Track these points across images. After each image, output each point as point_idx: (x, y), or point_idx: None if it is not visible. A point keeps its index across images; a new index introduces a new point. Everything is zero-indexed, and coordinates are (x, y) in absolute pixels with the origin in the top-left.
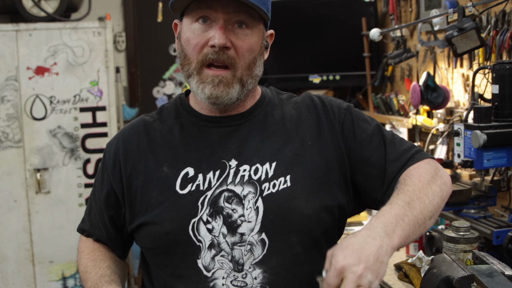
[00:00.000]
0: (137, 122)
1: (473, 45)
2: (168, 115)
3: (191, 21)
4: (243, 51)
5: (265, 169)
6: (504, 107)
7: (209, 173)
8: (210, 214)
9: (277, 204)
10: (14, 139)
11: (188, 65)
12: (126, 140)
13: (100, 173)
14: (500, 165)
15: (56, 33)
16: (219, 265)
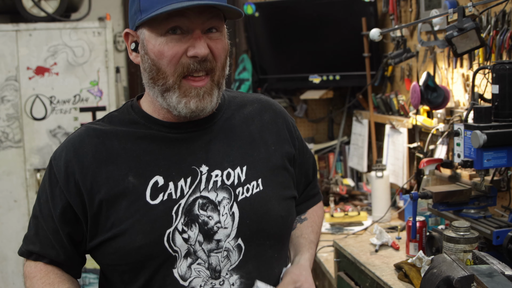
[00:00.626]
0: (85, 132)
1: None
2: (121, 123)
3: (159, 33)
4: (219, 53)
5: (237, 174)
6: (504, 107)
7: (180, 180)
8: (186, 223)
9: (252, 208)
10: (14, 139)
11: (163, 79)
12: (78, 152)
13: (48, 189)
14: (500, 165)
15: (56, 33)
16: (196, 273)
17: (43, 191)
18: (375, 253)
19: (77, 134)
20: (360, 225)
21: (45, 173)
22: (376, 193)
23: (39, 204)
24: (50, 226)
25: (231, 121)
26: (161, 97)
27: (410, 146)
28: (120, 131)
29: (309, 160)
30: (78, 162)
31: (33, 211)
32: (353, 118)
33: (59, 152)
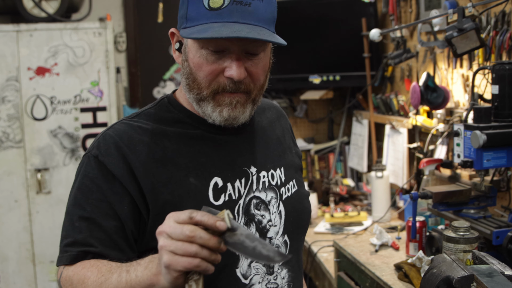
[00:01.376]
0: (129, 128)
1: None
2: (165, 121)
3: (201, 45)
4: (258, 76)
5: (278, 175)
6: (503, 107)
7: (236, 181)
8: (246, 223)
9: (294, 206)
10: (15, 139)
11: (198, 89)
12: (131, 149)
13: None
14: (500, 165)
15: (57, 34)
16: (255, 271)
17: (90, 191)
18: (375, 253)
19: (122, 130)
20: (360, 225)
21: (84, 169)
22: (376, 193)
23: (89, 204)
24: (110, 225)
25: (262, 124)
26: (197, 104)
27: (410, 146)
28: (169, 131)
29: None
30: (136, 159)
31: (78, 213)
32: (353, 118)
33: (105, 149)
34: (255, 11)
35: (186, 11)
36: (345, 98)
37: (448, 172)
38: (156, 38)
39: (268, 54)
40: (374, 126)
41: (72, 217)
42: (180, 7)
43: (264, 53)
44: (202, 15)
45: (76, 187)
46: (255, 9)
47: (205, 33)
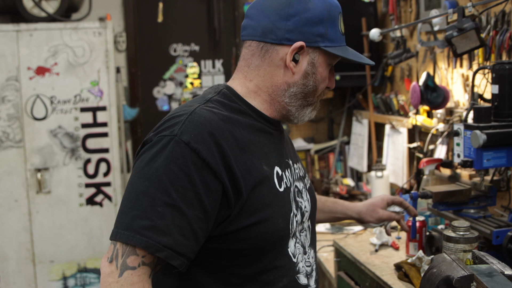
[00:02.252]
0: (215, 116)
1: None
2: (233, 111)
3: (328, 62)
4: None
5: (299, 167)
6: (503, 107)
7: (286, 171)
8: (296, 208)
9: (313, 195)
10: (14, 139)
11: (313, 97)
12: (222, 136)
13: (195, 174)
14: (500, 165)
15: (57, 33)
16: (298, 250)
17: (177, 177)
18: (375, 252)
19: (209, 117)
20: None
21: (174, 156)
22: (376, 193)
23: (175, 191)
24: (193, 215)
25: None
26: (299, 108)
27: (410, 146)
28: (241, 120)
29: None
30: (228, 147)
31: (162, 199)
32: (353, 118)
33: (196, 134)
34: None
35: (327, 31)
36: (345, 97)
37: (448, 172)
38: (156, 37)
39: None
40: (374, 125)
41: (155, 201)
42: (316, 25)
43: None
44: (339, 38)
45: (162, 171)
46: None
47: (350, 56)
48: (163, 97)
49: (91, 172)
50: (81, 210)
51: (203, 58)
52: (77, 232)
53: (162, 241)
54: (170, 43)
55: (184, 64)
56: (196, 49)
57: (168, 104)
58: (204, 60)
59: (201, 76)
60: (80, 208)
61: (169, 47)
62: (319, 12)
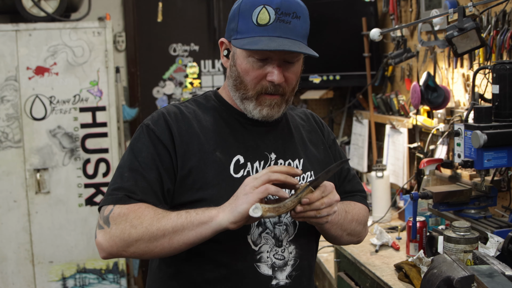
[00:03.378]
0: (177, 108)
1: (474, 45)
2: (206, 107)
3: (248, 54)
4: (292, 81)
5: (295, 164)
6: (504, 107)
7: (256, 162)
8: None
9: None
10: (14, 139)
11: (244, 90)
12: (175, 122)
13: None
14: (501, 165)
15: (56, 33)
16: (264, 241)
17: (141, 150)
18: (375, 253)
19: (170, 108)
20: None
21: (139, 135)
22: (376, 193)
23: (137, 159)
24: (152, 178)
25: (289, 124)
26: (240, 102)
27: (410, 146)
28: (207, 114)
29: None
30: (178, 129)
31: (128, 166)
32: (353, 118)
33: (155, 119)
34: (294, 28)
35: (237, 25)
36: (345, 97)
37: (449, 172)
38: (155, 37)
39: (301, 63)
40: (374, 126)
41: (122, 169)
42: (230, 21)
43: (298, 62)
44: (251, 30)
45: (129, 148)
46: (294, 27)
47: (256, 45)
48: (163, 97)
49: (90, 172)
50: (80, 210)
51: (203, 58)
52: (76, 233)
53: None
54: (170, 43)
55: (183, 64)
56: (196, 49)
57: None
58: (204, 60)
59: (200, 76)
60: (79, 208)
61: (168, 47)
62: (233, 9)
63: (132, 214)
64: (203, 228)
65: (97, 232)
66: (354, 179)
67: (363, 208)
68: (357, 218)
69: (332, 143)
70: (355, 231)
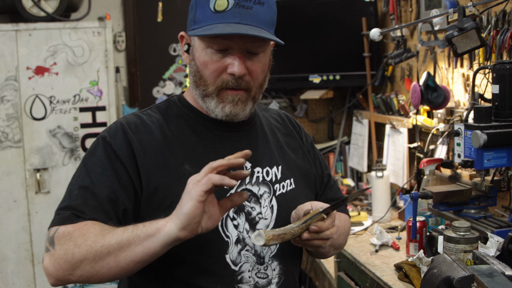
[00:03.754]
0: (137, 118)
1: (474, 45)
2: (170, 115)
3: (206, 45)
4: (257, 75)
5: (273, 172)
6: (504, 107)
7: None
8: (235, 211)
9: (287, 203)
10: (13, 139)
11: (204, 86)
12: (135, 134)
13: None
14: (501, 165)
15: (56, 33)
16: (245, 259)
17: (95, 165)
18: (375, 253)
19: (130, 118)
20: (360, 225)
21: (94, 149)
22: (376, 193)
23: (90, 176)
24: (104, 196)
25: (263, 127)
26: (202, 100)
27: (410, 146)
28: (171, 122)
29: (318, 163)
30: (139, 143)
31: (78, 183)
32: (353, 118)
33: (113, 131)
34: (256, 14)
35: (194, 15)
36: (345, 97)
37: (449, 172)
38: (155, 37)
39: (268, 54)
40: (374, 125)
41: (72, 187)
42: (189, 12)
43: (264, 53)
44: (208, 17)
45: (82, 163)
46: (256, 13)
47: (210, 31)
48: (163, 97)
49: None
50: None
51: None
52: None
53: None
54: (170, 42)
55: (183, 64)
56: None
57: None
58: None
59: None
60: None
61: (168, 46)
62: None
63: (77, 232)
64: (151, 241)
65: (44, 255)
66: (335, 186)
67: (347, 219)
68: (343, 232)
69: (311, 147)
70: (341, 245)
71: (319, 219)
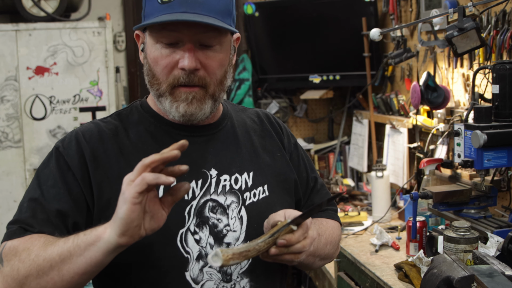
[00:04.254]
0: (94, 126)
1: (473, 45)
2: (130, 122)
3: (155, 40)
4: (213, 69)
5: (244, 179)
6: (504, 107)
7: (192, 182)
8: (197, 224)
9: (259, 212)
10: (13, 139)
11: (157, 85)
12: (89, 144)
13: (58, 174)
14: (501, 165)
15: (56, 33)
16: (208, 276)
17: (48, 177)
18: (375, 253)
19: (87, 127)
20: (360, 225)
21: (48, 160)
22: (376, 193)
23: (41, 188)
24: (54, 209)
25: (235, 130)
26: (157, 100)
27: (410, 146)
28: (131, 129)
29: (301, 166)
30: (91, 154)
31: (29, 195)
32: (353, 118)
33: (67, 141)
34: (205, 3)
35: (144, 9)
36: (345, 97)
37: (449, 172)
38: None
39: (226, 48)
40: (374, 125)
41: (23, 200)
42: (142, 9)
43: (221, 46)
44: (155, 9)
45: (36, 175)
46: (205, 1)
47: (153, 20)
48: None
49: None
50: None
51: None
52: None
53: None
54: None
55: None
56: None
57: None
58: None
59: None
60: None
61: None
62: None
63: (22, 246)
64: (92, 251)
65: None
66: (323, 190)
67: (336, 227)
68: (331, 240)
69: (294, 148)
70: (328, 254)
71: (287, 231)
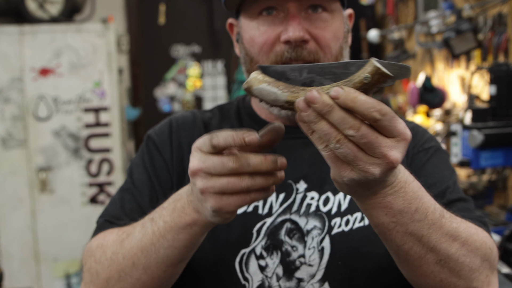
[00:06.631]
0: (191, 115)
1: (470, 47)
2: (228, 115)
3: (251, 17)
4: (327, 41)
5: (337, 200)
6: (500, 107)
7: (272, 195)
8: (266, 247)
9: (349, 246)
10: (19, 139)
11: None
12: (178, 129)
13: (148, 160)
14: (497, 165)
15: (60, 35)
16: None
17: (137, 165)
18: None
19: (182, 114)
20: None
21: (140, 148)
22: None
23: (132, 177)
24: (144, 196)
25: None
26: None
27: None
28: (227, 122)
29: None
30: (177, 143)
31: (121, 186)
32: None
33: (159, 127)
34: None
35: None
36: None
37: None
38: (158, 39)
39: (339, 18)
40: None
41: (116, 192)
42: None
43: (331, 14)
44: None
45: (129, 165)
46: None
47: None
48: (165, 98)
49: (94, 171)
50: (84, 209)
51: (204, 59)
52: (80, 231)
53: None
54: (172, 44)
55: (185, 65)
56: (198, 50)
57: (170, 105)
58: (205, 61)
59: (202, 77)
60: (83, 207)
61: (170, 48)
62: None
63: (95, 242)
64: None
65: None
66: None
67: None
68: (465, 239)
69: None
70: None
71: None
